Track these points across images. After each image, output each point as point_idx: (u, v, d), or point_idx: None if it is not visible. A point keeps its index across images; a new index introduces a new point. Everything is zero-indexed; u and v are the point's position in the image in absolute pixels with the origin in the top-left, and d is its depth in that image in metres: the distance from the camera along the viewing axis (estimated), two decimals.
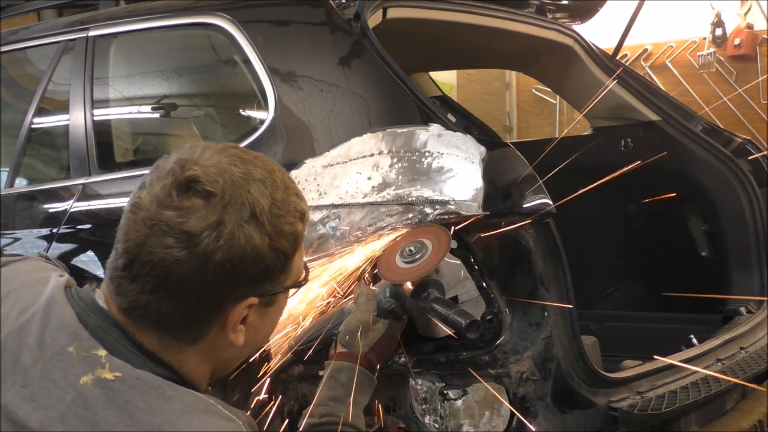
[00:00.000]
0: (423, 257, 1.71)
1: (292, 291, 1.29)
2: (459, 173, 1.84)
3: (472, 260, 1.95)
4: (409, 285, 1.74)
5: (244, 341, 1.20)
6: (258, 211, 1.13)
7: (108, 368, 1.09)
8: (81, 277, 1.96)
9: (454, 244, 1.94)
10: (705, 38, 6.28)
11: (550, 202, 1.88)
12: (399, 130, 1.93)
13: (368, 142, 1.93)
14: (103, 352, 1.10)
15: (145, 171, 1.19)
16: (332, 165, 1.93)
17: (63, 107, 2.68)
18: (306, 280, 1.29)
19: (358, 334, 1.67)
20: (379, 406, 1.79)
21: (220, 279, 1.11)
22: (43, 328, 1.13)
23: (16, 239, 2.54)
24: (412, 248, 1.73)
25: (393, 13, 2.39)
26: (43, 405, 1.07)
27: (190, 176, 1.12)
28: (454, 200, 1.81)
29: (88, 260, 2.42)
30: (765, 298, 2.85)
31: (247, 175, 1.15)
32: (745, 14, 6.15)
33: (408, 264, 1.71)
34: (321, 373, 1.67)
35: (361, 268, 1.82)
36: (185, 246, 1.09)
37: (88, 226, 2.49)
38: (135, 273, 1.11)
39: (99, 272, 2.28)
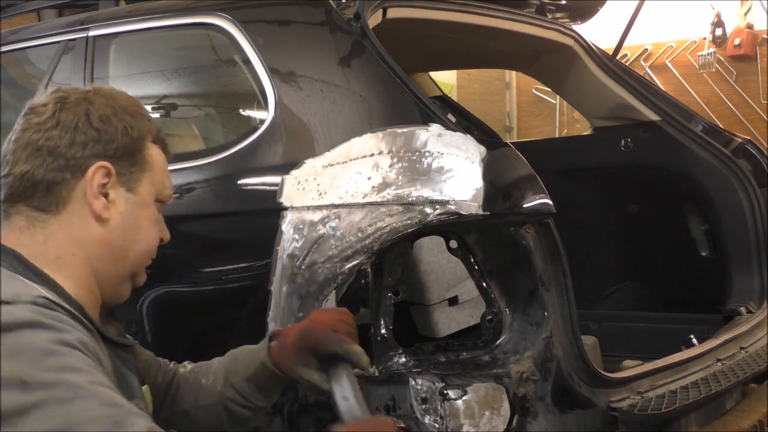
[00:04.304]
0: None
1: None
2: (459, 173, 1.84)
3: (472, 260, 1.95)
4: None
5: (110, 222, 1.31)
6: (101, 93, 1.36)
7: None
8: None
9: (453, 245, 1.95)
10: (705, 38, 6.28)
11: (550, 202, 1.88)
12: (399, 130, 1.93)
13: (368, 142, 1.92)
14: None
15: None
16: (332, 165, 1.93)
17: None
18: (170, 197, 1.43)
19: None
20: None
21: (69, 134, 1.30)
22: None
23: None
24: None
25: (393, 13, 2.39)
26: None
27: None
28: (454, 200, 1.81)
29: None
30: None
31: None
32: (745, 14, 6.15)
33: None
34: None
35: None
36: (37, 114, 1.32)
37: None
38: (13, 158, 1.31)
39: None
